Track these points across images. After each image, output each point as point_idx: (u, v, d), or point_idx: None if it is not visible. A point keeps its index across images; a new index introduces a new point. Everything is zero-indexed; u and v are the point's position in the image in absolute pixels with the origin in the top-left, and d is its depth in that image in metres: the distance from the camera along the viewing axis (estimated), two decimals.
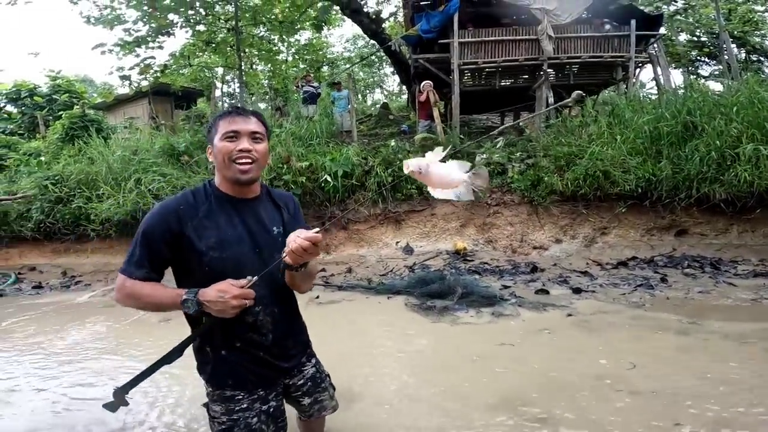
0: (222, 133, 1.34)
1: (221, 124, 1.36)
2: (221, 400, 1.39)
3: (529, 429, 2.24)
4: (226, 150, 1.33)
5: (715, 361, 2.88)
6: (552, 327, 3.71)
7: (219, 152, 1.34)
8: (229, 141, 1.34)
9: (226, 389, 1.39)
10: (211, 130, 1.40)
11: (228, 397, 1.39)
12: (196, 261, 1.30)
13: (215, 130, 1.38)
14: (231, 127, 1.34)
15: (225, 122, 1.36)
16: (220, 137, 1.34)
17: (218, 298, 1.22)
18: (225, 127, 1.35)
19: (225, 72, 16.78)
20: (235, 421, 1.38)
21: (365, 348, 3.46)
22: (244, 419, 1.38)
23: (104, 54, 11.03)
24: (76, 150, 8.26)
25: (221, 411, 1.39)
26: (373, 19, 11.53)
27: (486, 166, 7.17)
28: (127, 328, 4.34)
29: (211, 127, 1.41)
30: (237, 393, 1.39)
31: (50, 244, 7.46)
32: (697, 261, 5.63)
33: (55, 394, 2.93)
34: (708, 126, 6.12)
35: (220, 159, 1.34)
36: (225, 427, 1.39)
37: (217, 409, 1.40)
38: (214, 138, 1.37)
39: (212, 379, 1.40)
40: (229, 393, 1.38)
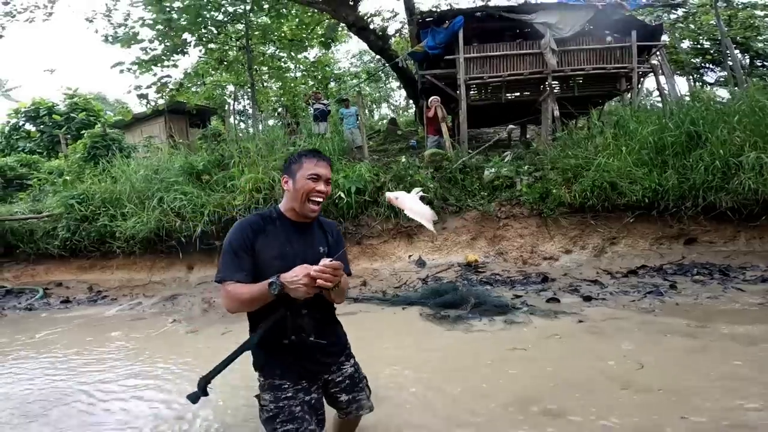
0: (308, 174, 1.60)
1: (307, 164, 1.61)
2: (270, 388, 1.63)
3: (544, 424, 2.41)
4: (308, 188, 1.59)
5: (722, 362, 3.02)
6: (563, 333, 3.87)
7: (300, 188, 1.60)
8: (312, 181, 1.60)
9: (275, 378, 1.63)
10: (292, 164, 1.64)
11: (276, 385, 1.62)
12: (266, 266, 1.57)
13: (298, 166, 1.62)
14: (316, 171, 1.60)
15: (311, 163, 1.61)
16: (305, 176, 1.60)
17: (293, 278, 1.43)
18: (311, 168, 1.60)
19: (236, 89, 17.26)
20: (281, 408, 1.60)
21: (384, 355, 3.64)
22: (288, 407, 1.61)
23: (122, 72, 11.51)
24: (99, 169, 8.60)
25: (270, 399, 1.62)
26: (380, 36, 11.89)
27: (495, 179, 7.37)
28: (155, 340, 4.57)
29: (293, 162, 1.64)
30: (284, 382, 1.63)
31: (76, 260, 7.77)
32: (706, 268, 5.73)
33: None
34: (711, 135, 6.27)
35: (300, 195, 1.60)
36: (272, 414, 1.60)
37: (266, 397, 1.63)
38: (297, 173, 1.61)
39: (264, 369, 1.65)
40: (278, 382, 1.63)
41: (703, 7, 12.44)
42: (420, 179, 7.10)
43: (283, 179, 1.66)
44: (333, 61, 19.05)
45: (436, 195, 7.13)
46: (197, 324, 5.17)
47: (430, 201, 7.09)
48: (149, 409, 2.99)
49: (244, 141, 8.98)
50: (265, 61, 14.41)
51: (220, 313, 5.61)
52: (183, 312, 5.75)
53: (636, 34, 8.78)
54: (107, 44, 11.42)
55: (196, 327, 5.04)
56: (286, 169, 1.66)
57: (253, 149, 7.93)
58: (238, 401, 2.94)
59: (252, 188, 6.86)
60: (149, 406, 3.05)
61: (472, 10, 9.57)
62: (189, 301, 6.06)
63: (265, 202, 6.74)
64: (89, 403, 3.13)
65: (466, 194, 7.32)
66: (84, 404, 3.12)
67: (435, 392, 2.89)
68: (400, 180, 7.09)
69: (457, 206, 7.15)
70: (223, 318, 5.37)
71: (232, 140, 9.23)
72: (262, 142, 8.24)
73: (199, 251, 6.97)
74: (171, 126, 13.09)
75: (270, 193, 6.85)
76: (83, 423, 2.84)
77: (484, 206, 7.01)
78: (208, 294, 6.30)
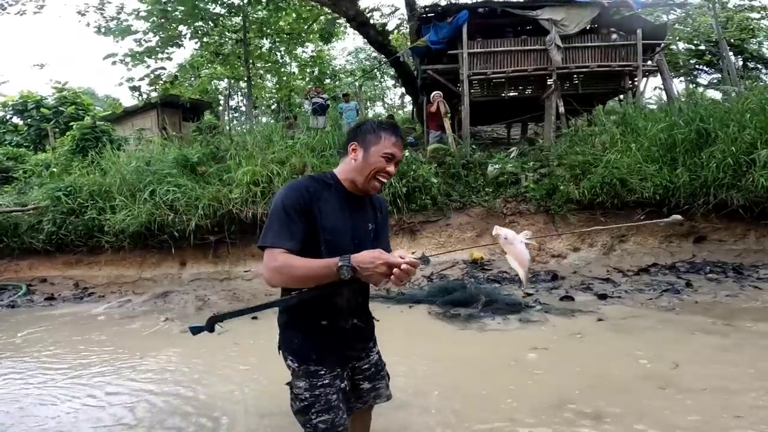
0: (384, 151, 1.43)
1: (386, 140, 1.44)
2: (306, 375, 1.45)
3: (583, 428, 2.20)
4: (380, 167, 1.43)
5: (760, 359, 2.86)
6: (584, 331, 3.68)
7: (372, 164, 1.43)
8: (386, 160, 1.44)
9: (311, 364, 1.45)
10: (368, 134, 1.45)
11: (312, 372, 1.45)
12: (318, 237, 1.40)
13: (376, 139, 1.44)
14: (393, 150, 1.44)
15: (389, 141, 1.44)
16: (381, 153, 1.43)
17: (369, 264, 1.26)
18: (388, 147, 1.44)
19: (231, 84, 16.93)
20: (317, 396, 1.43)
21: (399, 355, 3.39)
22: (325, 395, 1.44)
23: (115, 64, 11.14)
24: (88, 161, 8.24)
25: (305, 387, 1.44)
26: (380, 31, 11.67)
27: (500, 176, 7.20)
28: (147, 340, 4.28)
29: (369, 131, 1.46)
30: (320, 368, 1.45)
31: (62, 256, 7.40)
32: (719, 266, 5.60)
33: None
34: (721, 133, 6.16)
35: (368, 170, 1.43)
36: (307, 403, 1.43)
37: (301, 384, 1.45)
38: (371, 146, 1.43)
39: (298, 354, 1.47)
40: (313, 368, 1.45)
41: (701, 9, 12.45)
42: (423, 174, 6.88)
43: (351, 146, 1.47)
44: (329, 58, 18.80)
45: (440, 191, 6.92)
46: (191, 323, 4.86)
47: (433, 197, 6.88)
48: (142, 413, 2.71)
49: (241, 135, 8.71)
50: (262, 55, 14.13)
51: (215, 310, 5.32)
52: (176, 310, 5.44)
53: (641, 32, 8.67)
54: (100, 35, 11.03)
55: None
56: (357, 137, 1.47)
57: (250, 142, 7.65)
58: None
59: (249, 181, 6.57)
60: (147, 409, 2.77)
61: (477, 5, 9.40)
62: (182, 299, 5.75)
63: (263, 196, 6.46)
64: (72, 409, 2.84)
65: (470, 190, 7.13)
66: (65, 409, 2.82)
67: (461, 396, 2.66)
68: (402, 175, 6.86)
69: (461, 202, 6.95)
70: None
71: (227, 134, 8.94)
72: (260, 135, 7.96)
73: (192, 246, 6.65)
74: (164, 119, 12.72)
75: (268, 187, 6.57)
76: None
77: (489, 202, 6.82)
78: (202, 291, 6.00)
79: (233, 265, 6.62)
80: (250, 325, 4.63)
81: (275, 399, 2.61)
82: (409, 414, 2.47)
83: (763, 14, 14.00)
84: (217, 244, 6.70)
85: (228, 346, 3.88)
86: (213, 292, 5.99)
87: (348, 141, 1.49)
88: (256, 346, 3.85)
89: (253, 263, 6.53)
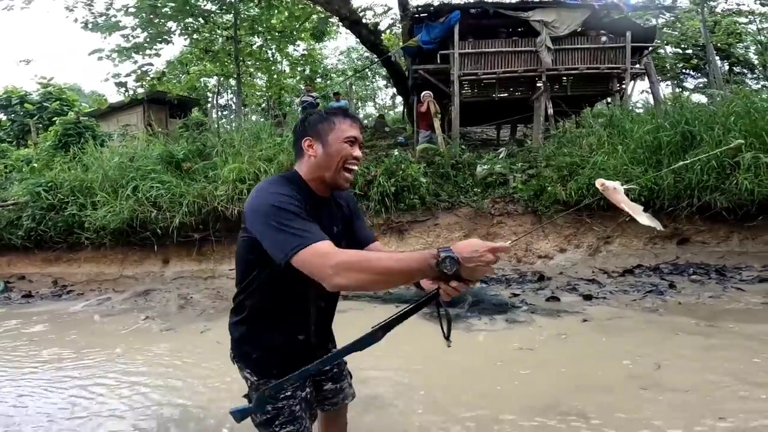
0: (345, 136, 1.28)
1: (341, 125, 1.29)
2: (267, 389, 1.36)
3: (569, 429, 2.18)
4: (346, 153, 1.28)
5: (744, 360, 2.87)
6: (569, 332, 3.66)
7: (337, 154, 1.28)
8: (350, 145, 1.29)
9: (271, 378, 1.35)
10: (318, 124, 1.30)
11: (274, 385, 1.35)
12: None
13: (329, 126, 1.29)
14: (353, 133, 1.30)
15: (345, 124, 1.30)
16: (341, 139, 1.28)
17: (473, 253, 1.02)
18: (347, 130, 1.29)
19: (221, 82, 16.73)
20: (280, 409, 1.35)
21: (386, 355, 3.34)
22: (288, 407, 1.36)
23: (101, 60, 10.94)
24: (70, 156, 8.05)
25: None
26: (372, 30, 11.63)
27: (488, 176, 7.20)
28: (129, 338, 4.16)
29: (319, 121, 1.31)
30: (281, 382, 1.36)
31: (41, 252, 7.21)
32: (702, 268, 5.65)
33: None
34: (706, 136, 6.22)
35: (335, 161, 1.28)
36: (270, 416, 1.34)
37: None
38: (328, 135, 1.28)
39: (257, 367, 1.38)
40: (275, 381, 1.34)
41: (690, 13, 12.64)
42: (412, 173, 6.84)
43: (306, 143, 1.30)
44: (321, 57, 18.71)
45: (429, 191, 6.89)
46: (173, 321, 4.76)
47: (422, 197, 6.85)
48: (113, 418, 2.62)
49: (228, 133, 8.58)
50: (253, 53, 13.97)
51: (198, 309, 5.23)
52: (157, 308, 5.33)
53: (630, 35, 8.75)
54: (87, 31, 10.83)
55: (172, 325, 4.63)
56: (309, 131, 1.31)
57: (238, 139, 7.53)
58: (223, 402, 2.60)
59: (236, 178, 6.47)
60: (115, 412, 2.67)
61: (469, 6, 9.40)
62: (164, 297, 5.63)
63: (249, 193, 6.35)
64: (43, 414, 2.73)
65: (459, 190, 7.11)
66: (32, 411, 2.72)
67: (447, 396, 2.62)
68: (391, 174, 6.82)
69: (449, 202, 6.93)
70: (201, 315, 4.99)
71: (214, 131, 8.80)
72: (247, 132, 7.85)
73: (176, 244, 6.52)
74: (150, 115, 12.50)
75: (255, 184, 6.44)
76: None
77: (477, 203, 6.81)
78: (185, 289, 5.89)
79: (218, 263, 6.51)
80: None
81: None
82: (395, 413, 2.43)
83: (750, 18, 14.25)
84: (201, 242, 6.58)
85: (211, 346, 3.79)
86: (196, 291, 5.88)
87: (299, 138, 1.32)
88: None
89: None
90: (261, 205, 1.16)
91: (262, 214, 1.14)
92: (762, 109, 6.13)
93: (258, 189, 1.23)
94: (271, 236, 1.12)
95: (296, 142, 1.33)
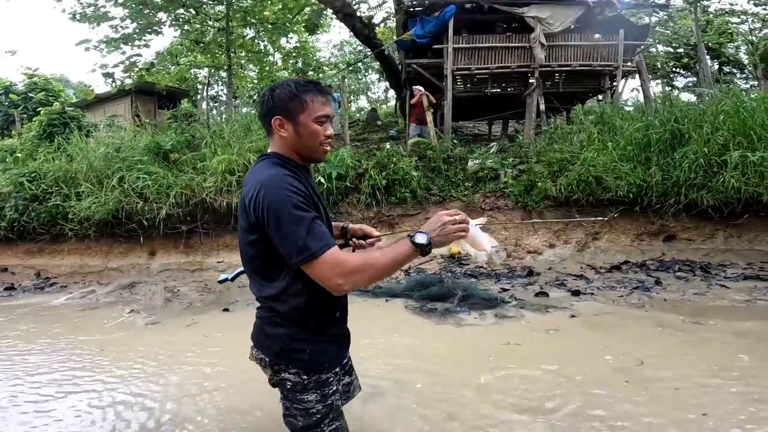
0: (316, 116, 1.27)
1: (314, 104, 1.26)
2: (316, 386, 1.30)
3: (557, 423, 2.18)
4: (319, 134, 1.28)
5: (727, 357, 2.91)
6: (558, 327, 3.68)
7: (312, 134, 1.27)
8: (321, 125, 1.28)
9: (323, 373, 1.31)
10: (288, 103, 1.26)
11: (323, 381, 1.31)
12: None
13: (300, 106, 1.26)
14: (325, 111, 1.28)
15: (319, 103, 1.27)
16: (313, 119, 1.27)
17: (440, 227, 1.20)
18: (319, 108, 1.27)
19: (212, 73, 16.48)
20: (330, 406, 1.31)
21: (377, 350, 3.34)
22: (335, 401, 1.32)
23: (88, 51, 10.73)
24: (54, 147, 7.87)
25: (316, 399, 1.30)
26: (366, 24, 11.52)
27: (479, 171, 7.20)
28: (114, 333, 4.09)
29: (289, 99, 1.26)
30: (329, 375, 1.33)
31: (23, 244, 7.04)
32: (687, 265, 5.72)
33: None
34: (695, 134, 6.28)
35: (311, 141, 1.28)
36: (321, 415, 1.29)
37: (311, 398, 1.30)
38: (299, 115, 1.26)
39: (309, 365, 1.31)
40: (324, 376, 1.31)
41: (682, 12, 12.71)
42: (403, 167, 6.81)
43: (276, 122, 1.27)
44: (314, 50, 18.52)
45: (420, 184, 6.87)
46: (159, 315, 4.68)
47: (413, 190, 6.82)
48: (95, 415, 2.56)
49: (218, 124, 8.45)
50: (245, 45, 13.76)
51: (184, 303, 5.16)
52: (142, 301, 5.24)
53: (623, 33, 8.78)
54: (75, 22, 10.57)
55: (158, 318, 4.56)
56: (278, 110, 1.27)
57: (227, 131, 7.42)
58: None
59: (225, 170, 6.38)
60: (99, 405, 2.61)
61: (464, 0, 9.34)
62: (149, 290, 5.53)
63: (239, 185, 6.28)
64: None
65: (450, 184, 7.10)
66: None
67: (438, 390, 2.62)
68: (383, 167, 6.78)
69: (440, 196, 6.92)
70: (188, 309, 4.93)
71: (204, 123, 8.66)
72: (237, 124, 7.74)
73: (162, 236, 6.41)
74: (138, 106, 12.27)
75: (244, 175, 6.36)
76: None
77: (468, 197, 6.81)
78: (172, 282, 5.80)
79: (205, 255, 6.43)
80: (220, 317, 4.51)
81: (245, 395, 2.52)
82: (386, 408, 2.42)
83: (743, 18, 14.37)
84: (188, 234, 6.48)
85: (198, 340, 3.74)
86: (183, 284, 5.80)
87: (267, 116, 1.28)
88: (225, 339, 3.72)
89: (226, 254, 6.35)
90: (274, 204, 1.16)
91: (275, 216, 1.15)
92: (751, 109, 6.19)
93: (266, 185, 1.19)
94: (282, 239, 1.15)
95: (264, 116, 1.30)
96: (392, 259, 1.16)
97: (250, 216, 1.20)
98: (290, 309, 1.27)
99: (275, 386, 1.36)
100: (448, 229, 1.20)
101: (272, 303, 1.30)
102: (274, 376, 1.33)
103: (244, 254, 1.32)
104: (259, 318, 1.37)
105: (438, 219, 1.22)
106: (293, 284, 1.25)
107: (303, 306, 1.27)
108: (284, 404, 1.35)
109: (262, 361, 1.35)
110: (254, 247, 1.25)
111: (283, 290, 1.26)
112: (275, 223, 1.14)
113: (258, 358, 1.36)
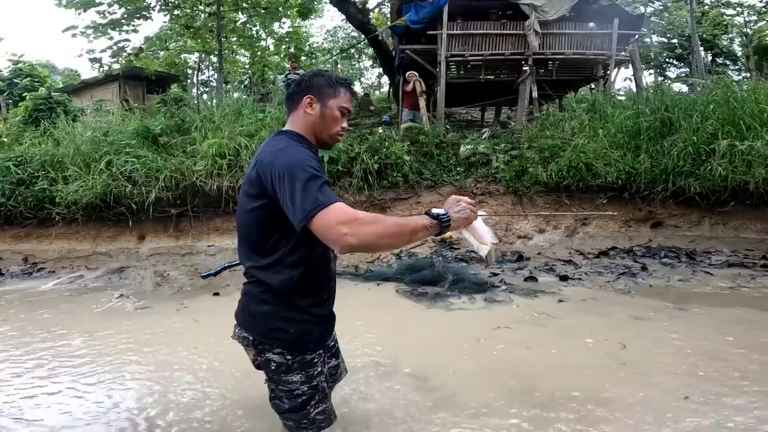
0: (342, 105, 1.37)
1: (345, 95, 1.38)
2: (301, 367, 1.31)
3: (544, 407, 2.23)
4: (339, 122, 1.38)
5: (710, 342, 2.97)
6: (546, 312, 3.74)
7: (334, 119, 1.36)
8: (342, 116, 1.38)
9: (307, 353, 1.31)
10: (325, 87, 1.36)
11: (308, 362, 1.31)
12: None
13: (334, 93, 1.36)
14: (349, 105, 1.40)
15: (347, 97, 1.39)
16: (338, 108, 1.36)
17: (458, 207, 1.24)
18: (346, 101, 1.38)
19: (202, 58, 16.18)
20: (315, 387, 1.31)
21: (368, 334, 3.36)
22: (320, 383, 1.33)
23: (75, 37, 10.48)
24: (40, 131, 7.73)
25: (300, 380, 1.31)
26: (360, 9, 11.36)
27: (471, 156, 7.20)
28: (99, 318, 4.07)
29: (327, 85, 1.36)
30: (314, 356, 1.33)
31: (10, 229, 6.93)
32: (673, 251, 5.82)
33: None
34: (685, 122, 6.33)
35: (332, 125, 1.36)
36: (306, 397, 1.30)
37: (295, 379, 1.30)
38: (330, 100, 1.35)
39: (293, 345, 1.31)
40: (309, 356, 1.31)
41: (678, 3, 12.69)
42: (396, 151, 6.79)
43: (307, 99, 1.34)
44: (307, 35, 18.24)
45: (412, 169, 6.87)
46: (148, 300, 4.66)
47: (405, 175, 6.81)
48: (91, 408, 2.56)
49: (208, 109, 8.33)
50: (237, 30, 13.51)
51: (174, 287, 5.13)
52: (132, 286, 5.20)
53: (618, 22, 8.75)
54: (60, 8, 10.29)
55: (147, 303, 4.54)
56: (312, 89, 1.35)
57: (218, 115, 7.32)
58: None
59: (215, 153, 6.31)
60: (94, 402, 2.61)
61: None
62: (139, 275, 5.49)
63: (229, 169, 6.23)
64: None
65: (442, 169, 7.11)
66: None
67: (428, 375, 2.64)
68: (375, 152, 6.75)
69: (432, 180, 6.93)
70: (178, 293, 4.91)
71: (194, 107, 8.54)
72: (228, 108, 7.64)
73: (152, 220, 6.35)
74: (126, 91, 12.06)
75: (235, 159, 6.33)
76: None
77: (459, 182, 6.83)
78: (162, 266, 5.77)
79: (196, 239, 6.39)
80: (210, 301, 4.51)
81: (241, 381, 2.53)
82: (373, 391, 2.43)
83: (738, 11, 14.40)
84: (178, 218, 6.43)
85: (188, 324, 3.74)
86: (173, 268, 5.77)
87: (299, 93, 1.35)
88: (214, 323, 3.72)
89: (216, 237, 6.32)
90: (291, 163, 1.17)
91: (290, 174, 1.15)
92: (741, 99, 6.25)
93: (286, 150, 1.23)
94: (294, 192, 1.12)
95: (294, 95, 1.37)
96: (404, 224, 1.14)
97: (263, 180, 1.21)
98: (282, 281, 1.26)
99: (259, 368, 1.36)
100: (462, 206, 1.22)
101: (263, 274, 1.29)
102: (258, 356, 1.33)
103: (245, 223, 1.32)
104: (244, 294, 1.37)
105: (454, 198, 1.25)
106: (290, 255, 1.26)
107: (295, 279, 1.27)
108: (270, 386, 1.36)
109: (245, 340, 1.34)
110: (257, 214, 1.26)
111: (279, 260, 1.26)
112: (290, 179, 1.13)
113: (241, 337, 1.35)
